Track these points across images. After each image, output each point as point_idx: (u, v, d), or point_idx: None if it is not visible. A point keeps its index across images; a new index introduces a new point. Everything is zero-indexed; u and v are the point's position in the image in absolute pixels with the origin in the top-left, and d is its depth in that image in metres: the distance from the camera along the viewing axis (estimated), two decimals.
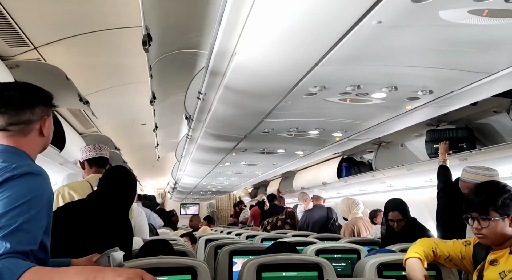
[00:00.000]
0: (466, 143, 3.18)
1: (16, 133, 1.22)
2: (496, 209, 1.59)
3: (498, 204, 1.59)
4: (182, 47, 2.87)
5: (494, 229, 1.60)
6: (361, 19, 1.32)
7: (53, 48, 2.55)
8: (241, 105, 2.49)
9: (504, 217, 1.59)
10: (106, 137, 4.53)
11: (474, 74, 1.78)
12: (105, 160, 2.48)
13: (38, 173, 1.15)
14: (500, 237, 1.62)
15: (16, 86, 1.26)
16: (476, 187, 1.71)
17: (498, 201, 1.59)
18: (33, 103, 1.24)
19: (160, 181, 12.57)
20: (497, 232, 1.60)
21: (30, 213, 1.07)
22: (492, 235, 1.62)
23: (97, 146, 2.47)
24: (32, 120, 1.23)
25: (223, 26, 1.56)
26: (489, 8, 1.18)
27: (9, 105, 1.21)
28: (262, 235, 3.96)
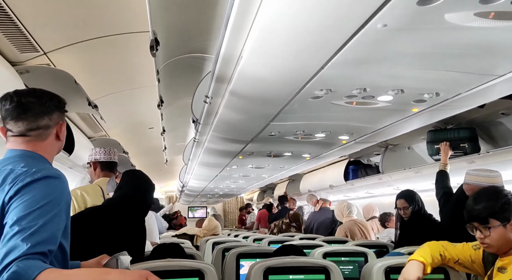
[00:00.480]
0: (468, 143, 3.14)
1: (35, 138, 1.28)
2: (495, 217, 1.57)
3: (497, 210, 1.56)
4: (189, 51, 2.90)
5: (496, 237, 1.58)
6: (366, 22, 1.33)
7: (62, 54, 2.59)
8: (247, 109, 2.50)
9: (505, 223, 1.56)
10: (114, 141, 4.58)
11: (481, 77, 1.77)
12: (115, 165, 2.52)
13: (56, 176, 1.20)
14: (505, 244, 1.59)
15: (33, 93, 1.32)
16: (473, 196, 1.68)
17: (496, 207, 1.57)
18: (50, 109, 1.30)
19: (169, 185, 12.63)
20: (500, 240, 1.58)
21: (49, 215, 1.11)
22: (496, 243, 1.59)
23: (112, 150, 2.52)
24: (50, 126, 1.30)
25: (229, 31, 1.57)
26: (495, 10, 1.18)
27: (28, 112, 1.27)
28: (269, 238, 3.96)
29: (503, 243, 1.59)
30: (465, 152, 3.16)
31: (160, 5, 2.14)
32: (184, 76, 3.31)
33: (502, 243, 1.59)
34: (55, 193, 1.16)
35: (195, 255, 2.67)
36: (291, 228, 5.38)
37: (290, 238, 3.96)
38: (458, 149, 3.15)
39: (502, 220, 1.56)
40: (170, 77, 3.15)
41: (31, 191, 1.12)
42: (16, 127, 1.26)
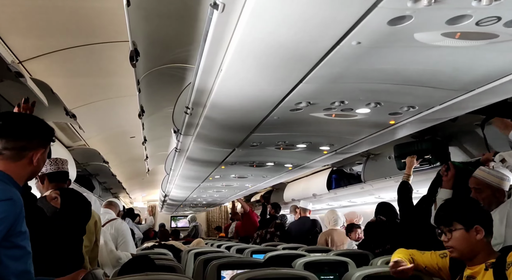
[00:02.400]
0: (431, 154, 3.24)
1: (7, 157, 1.31)
2: (458, 220, 1.64)
3: (461, 214, 1.64)
4: (170, 61, 2.90)
5: (459, 240, 1.64)
6: (341, 39, 1.37)
7: (39, 62, 2.56)
8: (228, 120, 2.52)
9: (467, 228, 1.62)
10: (94, 150, 4.51)
11: (453, 92, 1.83)
12: (65, 175, 2.40)
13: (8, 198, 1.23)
14: (468, 250, 1.64)
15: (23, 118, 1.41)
16: (442, 204, 1.78)
17: (460, 211, 1.65)
18: (32, 134, 1.36)
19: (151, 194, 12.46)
20: (463, 244, 1.63)
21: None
22: (458, 247, 1.65)
23: (59, 160, 2.39)
24: (26, 148, 1.34)
25: (208, 45, 1.59)
26: (461, 31, 1.24)
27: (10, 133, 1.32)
28: (251, 248, 3.94)
29: (465, 248, 1.64)
30: (430, 163, 3.25)
31: (140, 15, 2.14)
32: (165, 86, 3.30)
33: (464, 247, 1.64)
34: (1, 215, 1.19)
35: (175, 267, 2.64)
36: (275, 237, 5.40)
37: (273, 247, 3.96)
38: (423, 161, 3.25)
39: (465, 224, 1.62)
40: (151, 87, 3.13)
41: None
42: None
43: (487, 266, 1.59)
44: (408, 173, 3.24)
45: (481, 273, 1.61)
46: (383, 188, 4.54)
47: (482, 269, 1.61)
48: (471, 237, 1.62)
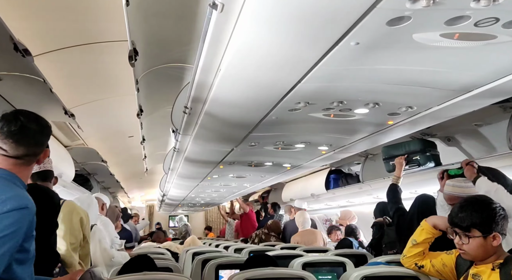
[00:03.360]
0: (420, 155, 3.23)
1: (25, 162, 1.32)
2: (477, 227, 1.58)
3: (480, 222, 1.58)
4: (169, 61, 2.90)
5: (474, 246, 1.60)
6: (340, 40, 1.37)
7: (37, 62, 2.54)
8: (227, 120, 2.51)
9: (486, 236, 1.57)
10: (92, 150, 4.50)
11: (451, 92, 1.84)
12: (49, 173, 2.37)
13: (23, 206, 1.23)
14: (481, 255, 1.62)
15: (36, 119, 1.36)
16: (462, 203, 1.69)
17: (480, 219, 1.58)
18: (46, 139, 1.37)
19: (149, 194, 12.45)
20: (478, 250, 1.60)
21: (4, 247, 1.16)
22: (472, 252, 1.62)
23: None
24: (40, 153, 1.36)
25: (207, 45, 1.59)
26: (460, 32, 1.24)
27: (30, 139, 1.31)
28: (250, 248, 3.94)
29: (480, 254, 1.61)
30: (419, 164, 3.24)
31: (139, 15, 2.14)
32: (164, 86, 3.30)
33: (479, 253, 1.61)
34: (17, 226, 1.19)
35: (173, 267, 2.64)
36: (271, 237, 5.40)
37: (271, 247, 3.96)
38: (412, 162, 3.23)
39: (484, 232, 1.57)
40: (149, 86, 3.13)
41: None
42: (13, 149, 1.28)
43: (494, 267, 1.58)
44: (397, 175, 3.21)
45: (487, 273, 1.59)
46: (381, 188, 4.53)
47: (489, 268, 1.59)
48: (488, 244, 1.58)
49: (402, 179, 3.21)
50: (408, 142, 3.34)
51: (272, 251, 3.31)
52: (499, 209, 1.61)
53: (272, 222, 5.60)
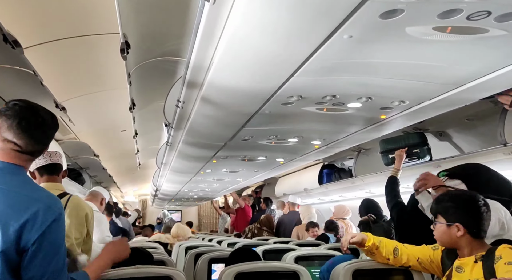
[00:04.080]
0: (419, 148, 3.26)
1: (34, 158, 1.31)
2: (442, 215, 1.71)
3: (444, 210, 1.71)
4: (161, 54, 2.87)
5: (440, 233, 1.71)
6: (332, 33, 1.37)
7: (28, 54, 2.50)
8: (220, 114, 2.50)
9: (449, 224, 1.68)
10: (84, 144, 4.46)
11: (443, 86, 1.85)
12: (56, 167, 2.35)
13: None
14: (447, 242, 1.72)
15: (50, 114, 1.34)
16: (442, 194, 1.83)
17: (445, 207, 1.71)
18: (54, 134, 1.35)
19: (142, 188, 12.41)
20: (442, 236, 1.71)
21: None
22: (438, 238, 1.73)
23: (47, 153, 2.36)
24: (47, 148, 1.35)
25: (199, 38, 1.58)
26: (452, 25, 1.24)
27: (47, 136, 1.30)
28: (243, 242, 3.96)
29: (445, 240, 1.72)
30: (418, 157, 3.26)
31: (131, 7, 2.11)
32: (156, 79, 3.28)
33: (444, 239, 1.72)
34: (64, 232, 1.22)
35: (166, 261, 2.63)
36: (263, 232, 5.43)
37: (264, 242, 3.97)
38: (412, 155, 3.25)
39: (448, 220, 1.68)
40: (142, 80, 3.10)
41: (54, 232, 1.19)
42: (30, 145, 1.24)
43: (476, 259, 1.62)
44: (397, 168, 3.24)
45: (470, 265, 1.63)
46: (374, 182, 4.57)
47: (471, 261, 1.63)
48: (452, 232, 1.67)
49: (401, 171, 3.23)
50: (408, 135, 3.36)
51: (265, 245, 3.33)
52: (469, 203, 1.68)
53: (264, 216, 5.62)
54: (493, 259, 1.55)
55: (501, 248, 1.58)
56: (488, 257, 1.58)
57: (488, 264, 1.56)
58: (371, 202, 3.82)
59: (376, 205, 3.80)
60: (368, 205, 3.78)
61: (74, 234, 2.27)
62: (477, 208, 1.66)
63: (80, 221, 2.34)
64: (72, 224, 2.26)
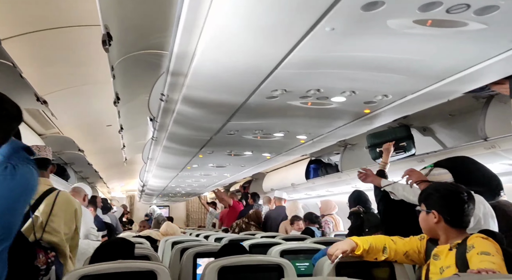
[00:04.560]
0: (406, 141, 3.31)
1: None
2: (423, 202, 1.79)
3: (424, 197, 1.80)
4: (146, 47, 2.83)
5: (421, 219, 1.80)
6: (314, 25, 1.36)
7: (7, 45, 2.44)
8: (204, 108, 2.49)
9: (427, 211, 1.76)
10: (68, 138, 4.38)
11: (424, 80, 1.86)
12: (45, 162, 2.34)
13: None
14: (426, 228, 1.80)
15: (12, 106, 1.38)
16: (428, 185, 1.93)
17: (425, 195, 1.80)
18: None
19: (129, 184, 12.30)
20: (422, 223, 1.80)
21: None
22: (422, 225, 1.81)
23: (36, 147, 2.33)
24: None
25: (181, 29, 1.55)
26: (433, 18, 1.25)
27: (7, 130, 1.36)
28: (229, 237, 3.96)
29: (424, 227, 1.80)
30: (405, 151, 3.31)
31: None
32: (141, 73, 3.23)
33: (424, 226, 1.80)
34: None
35: (150, 256, 2.62)
36: (251, 226, 5.44)
37: (251, 236, 3.98)
38: (399, 149, 3.30)
39: (427, 208, 1.76)
40: (126, 73, 3.06)
41: None
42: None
43: (451, 247, 1.67)
44: (385, 161, 3.28)
45: (445, 252, 1.68)
46: None
47: (446, 248, 1.68)
48: (430, 219, 1.75)
49: (389, 165, 3.27)
50: (394, 129, 3.39)
51: (251, 240, 3.34)
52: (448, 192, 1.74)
53: (253, 211, 5.64)
54: (466, 248, 1.58)
55: (473, 237, 1.61)
56: (462, 245, 1.62)
57: (460, 251, 1.60)
58: (361, 194, 3.86)
59: (366, 197, 3.84)
60: (358, 196, 3.82)
61: (64, 229, 2.27)
62: (456, 198, 1.71)
63: (69, 217, 2.34)
64: (61, 219, 2.26)
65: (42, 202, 2.21)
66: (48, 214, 2.20)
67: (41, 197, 2.22)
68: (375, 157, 3.51)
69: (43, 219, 2.18)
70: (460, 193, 1.72)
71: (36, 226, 2.14)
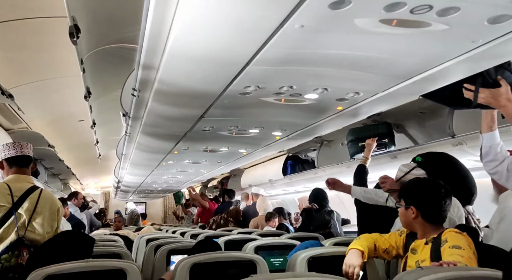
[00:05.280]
0: (387, 138, 3.38)
1: None
2: (403, 198, 1.84)
3: (403, 193, 1.86)
4: (117, 41, 2.76)
5: (400, 214, 1.86)
6: (284, 21, 1.36)
7: None
8: (177, 103, 2.45)
9: (407, 207, 1.80)
10: (37, 134, 4.24)
11: (392, 79, 1.90)
12: (27, 159, 2.33)
13: None
14: (405, 223, 1.85)
15: None
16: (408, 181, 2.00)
17: (405, 191, 1.86)
18: None
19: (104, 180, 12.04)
20: (401, 218, 1.85)
21: None
22: (401, 220, 1.86)
23: (18, 144, 2.31)
24: None
25: (150, 21, 1.52)
26: (397, 18, 1.27)
27: None
28: (206, 233, 3.94)
29: (404, 222, 1.85)
30: (386, 147, 3.38)
31: None
32: (114, 67, 3.15)
33: (403, 221, 1.85)
34: None
35: (122, 254, 2.58)
36: (230, 223, 5.45)
37: (227, 233, 3.98)
38: (380, 145, 3.37)
39: (406, 203, 1.82)
40: (97, 67, 2.97)
41: None
42: None
43: (427, 241, 1.72)
44: (366, 156, 3.34)
45: (421, 246, 1.74)
46: (335, 173, 4.67)
47: (423, 243, 1.74)
48: (408, 215, 1.80)
49: (370, 160, 3.33)
50: (377, 125, 3.45)
51: (227, 236, 3.34)
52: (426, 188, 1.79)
53: (233, 208, 5.66)
54: (440, 242, 1.63)
55: (446, 232, 1.67)
56: (437, 239, 1.67)
57: (435, 246, 1.65)
58: (319, 192, 4.02)
59: (324, 195, 4.00)
60: (317, 194, 3.99)
61: (46, 228, 2.28)
62: (433, 194, 1.75)
63: (52, 216, 2.34)
64: (45, 218, 2.27)
65: (26, 200, 2.21)
66: (31, 212, 2.20)
67: (25, 195, 2.22)
68: (356, 151, 3.56)
69: (26, 217, 2.19)
70: (438, 189, 1.77)
71: (19, 223, 2.14)
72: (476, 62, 1.62)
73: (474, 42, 1.44)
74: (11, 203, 2.15)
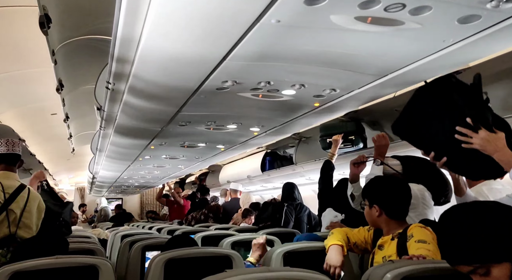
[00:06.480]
0: (355, 136, 3.45)
1: None
2: (367, 197, 1.89)
3: (366, 193, 1.91)
4: (91, 32, 2.68)
5: (365, 213, 1.91)
6: (261, 16, 1.35)
7: None
8: (153, 97, 2.41)
9: (370, 206, 1.85)
10: (6, 127, 4.07)
11: (368, 76, 1.93)
12: (16, 157, 2.34)
13: None
14: (370, 221, 1.90)
15: None
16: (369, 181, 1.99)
17: (367, 190, 1.90)
18: None
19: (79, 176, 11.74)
20: (368, 218, 1.89)
21: None
22: (367, 219, 1.91)
23: (10, 141, 2.31)
24: None
25: (123, 13, 1.48)
26: (372, 16, 1.29)
27: None
28: (183, 229, 3.91)
29: (369, 220, 1.90)
30: (353, 144, 3.45)
31: None
32: (87, 59, 3.06)
33: (368, 219, 1.90)
34: None
35: (95, 250, 2.52)
36: (209, 219, 5.43)
37: (205, 228, 3.96)
38: (347, 142, 3.44)
39: (369, 202, 1.87)
40: (70, 59, 2.88)
41: None
42: None
43: (393, 237, 1.76)
44: (333, 152, 3.40)
45: (388, 242, 1.78)
46: (312, 170, 4.73)
47: (389, 239, 1.78)
48: (372, 213, 1.85)
49: (336, 156, 3.39)
50: (346, 122, 3.50)
51: (205, 232, 3.32)
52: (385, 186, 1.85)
53: (214, 204, 5.64)
54: (406, 237, 1.68)
55: (412, 227, 1.71)
56: (403, 235, 1.71)
57: (401, 241, 1.69)
58: (288, 186, 4.16)
59: (293, 190, 4.12)
60: (285, 187, 4.15)
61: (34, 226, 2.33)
62: (392, 191, 1.81)
63: (38, 214, 2.38)
64: (34, 216, 2.31)
65: (16, 197, 2.24)
66: (22, 210, 2.24)
67: (15, 193, 2.25)
68: (325, 147, 3.64)
69: (17, 214, 2.23)
70: (396, 186, 1.84)
71: (11, 220, 2.18)
72: (448, 61, 1.67)
73: (445, 42, 1.47)
74: (3, 200, 2.18)
